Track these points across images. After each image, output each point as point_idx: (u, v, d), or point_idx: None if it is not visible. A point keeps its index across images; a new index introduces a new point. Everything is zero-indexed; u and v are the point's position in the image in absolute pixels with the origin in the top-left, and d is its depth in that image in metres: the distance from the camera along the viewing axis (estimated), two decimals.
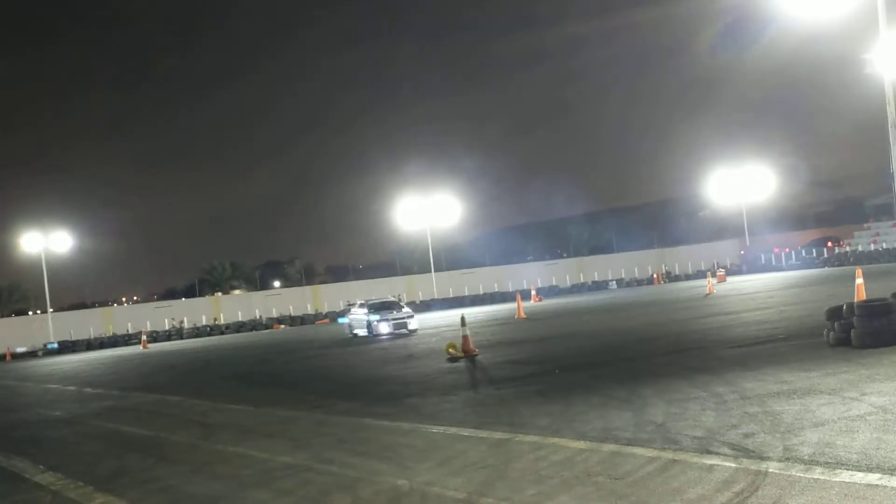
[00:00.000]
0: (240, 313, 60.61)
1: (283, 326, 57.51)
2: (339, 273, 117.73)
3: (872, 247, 62.57)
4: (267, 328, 57.17)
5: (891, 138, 17.06)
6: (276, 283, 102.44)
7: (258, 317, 59.79)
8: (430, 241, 67.43)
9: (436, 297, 63.27)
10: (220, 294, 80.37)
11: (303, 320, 59.21)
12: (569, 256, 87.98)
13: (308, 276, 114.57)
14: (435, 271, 66.69)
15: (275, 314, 60.52)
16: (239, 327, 57.33)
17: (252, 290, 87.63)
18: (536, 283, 63.30)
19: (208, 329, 57.49)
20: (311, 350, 31.17)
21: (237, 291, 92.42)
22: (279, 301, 63.88)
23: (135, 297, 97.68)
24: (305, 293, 67.52)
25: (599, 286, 64.86)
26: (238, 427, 14.07)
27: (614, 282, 65.19)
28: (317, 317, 60.01)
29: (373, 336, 33.90)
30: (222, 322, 59.20)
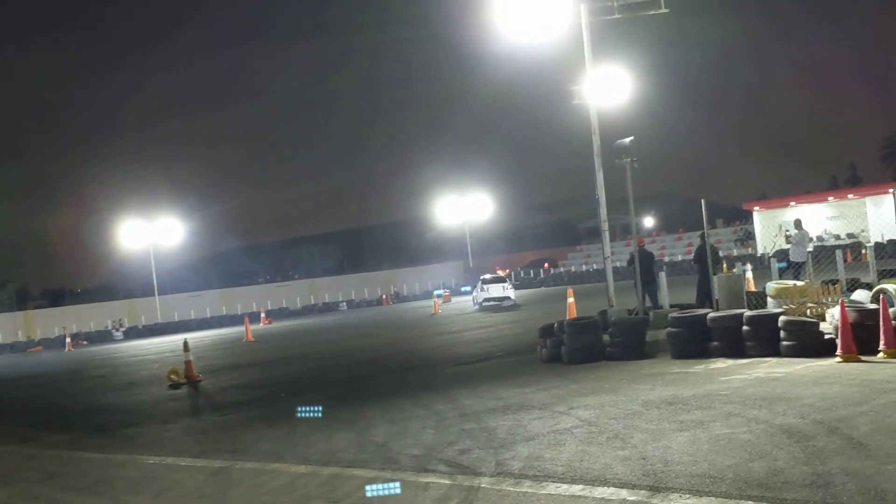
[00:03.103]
0: None
1: None
2: (55, 297, 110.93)
3: (584, 267, 66.78)
4: None
5: (596, 165, 18.23)
6: None
7: None
8: (153, 263, 64.95)
9: (160, 321, 60.92)
10: None
11: (13, 348, 55.16)
12: (300, 278, 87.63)
13: (21, 301, 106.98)
14: (159, 294, 64.26)
15: None
16: None
17: None
18: (266, 306, 62.49)
19: None
20: (21, 379, 29.06)
21: None
22: None
23: None
24: (17, 319, 62.93)
25: (330, 307, 64.93)
26: None
27: (345, 303, 65.46)
28: (29, 344, 56.12)
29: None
30: None
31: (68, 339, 51.80)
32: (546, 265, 72.08)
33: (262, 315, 54.00)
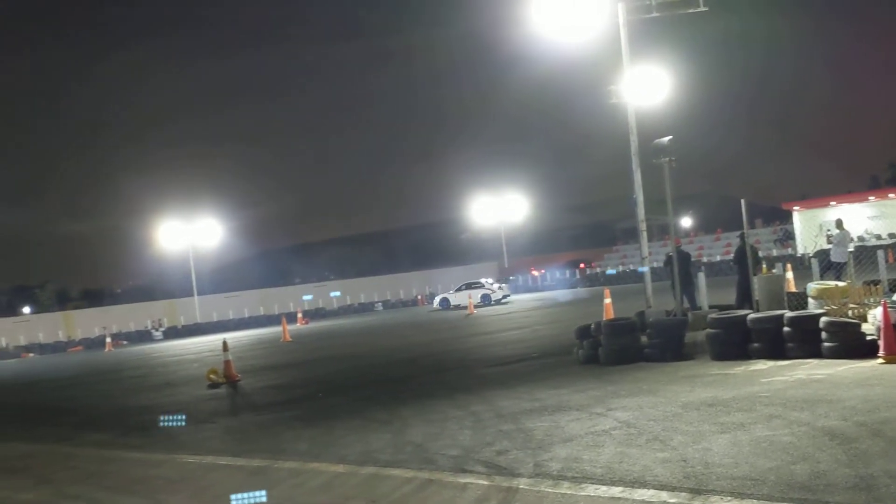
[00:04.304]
0: None
1: (31, 355, 54.06)
2: (95, 298, 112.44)
3: (620, 268, 66.42)
4: (14, 357, 53.53)
5: (633, 165, 18.12)
6: (26, 310, 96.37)
7: (4, 345, 55.80)
8: (192, 264, 65.52)
9: (199, 321, 61.43)
10: None
11: (54, 348, 55.91)
12: (336, 279, 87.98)
13: (61, 302, 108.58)
14: (198, 294, 64.78)
15: (23, 342, 56.76)
16: None
17: None
18: (303, 306, 62.79)
19: None
20: (62, 380, 29.40)
21: None
22: (28, 328, 59.92)
23: None
24: (57, 319, 63.74)
25: (366, 308, 65.09)
26: None
27: (381, 303, 65.61)
28: (70, 344, 56.86)
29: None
30: None
31: (108, 339, 52.39)
32: (582, 266, 71.80)
33: (299, 315, 54.26)
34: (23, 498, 9.92)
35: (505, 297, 51.42)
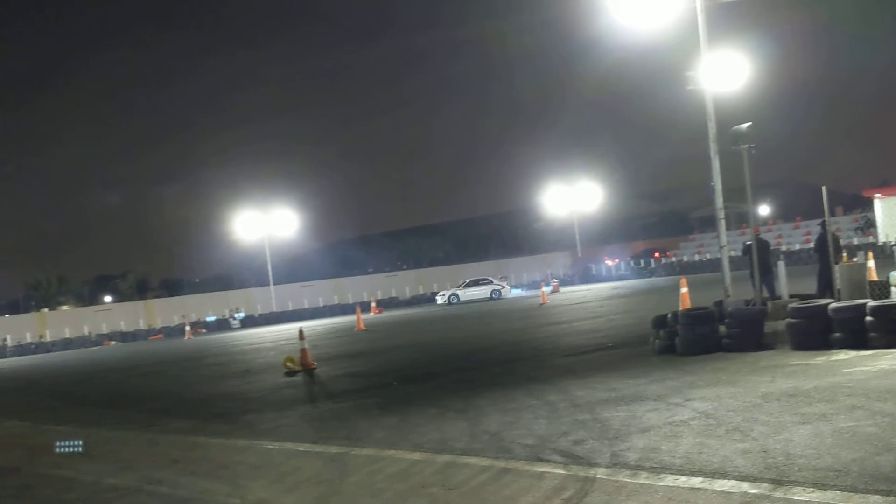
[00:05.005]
0: (67, 330, 57.93)
1: (113, 343, 55.50)
2: (173, 287, 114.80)
3: (697, 257, 65.58)
4: (97, 345, 55.02)
5: (711, 152, 17.86)
6: (108, 299, 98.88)
7: (87, 333, 57.38)
8: (268, 254, 66.46)
9: (274, 310, 62.34)
10: (46, 310, 76.88)
11: (135, 336, 57.30)
12: (409, 268, 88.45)
13: (141, 291, 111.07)
14: (274, 284, 65.71)
15: (105, 330, 58.29)
16: (66, 344, 54.92)
17: (82, 306, 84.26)
18: (376, 295, 63.28)
19: (33, 347, 54.82)
20: (143, 367, 30.12)
21: (65, 307, 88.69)
22: (110, 317, 61.53)
23: None
24: (138, 308, 65.29)
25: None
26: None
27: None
28: (150, 332, 58.22)
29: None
30: (48, 339, 56.56)
31: (188, 328, 53.52)
32: (657, 255, 71.07)
33: (373, 304, 54.70)
34: (107, 483, 10.18)
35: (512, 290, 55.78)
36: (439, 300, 53.66)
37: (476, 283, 54.73)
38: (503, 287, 54.07)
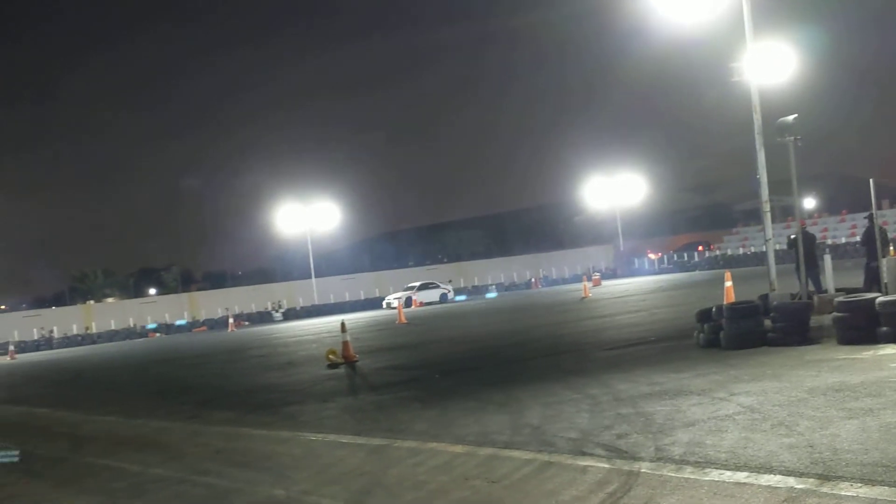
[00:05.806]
0: (113, 322, 58.79)
1: (158, 335, 56.15)
2: (217, 280, 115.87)
3: (741, 251, 64.96)
4: (142, 337, 55.73)
5: (757, 144, 17.67)
6: (152, 291, 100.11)
7: (132, 325, 58.13)
8: (310, 247, 66.86)
9: (316, 302, 62.71)
10: (92, 302, 78.04)
11: (179, 328, 57.93)
12: (449, 261, 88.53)
13: (185, 283, 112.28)
14: (315, 277, 66.10)
15: (150, 322, 59.00)
16: (112, 336, 55.70)
17: (126, 298, 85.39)
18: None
19: (80, 338, 55.65)
20: (187, 359, 30.46)
21: (110, 299, 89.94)
22: (154, 309, 62.27)
23: (1, 307, 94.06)
24: (182, 300, 66.07)
25: (479, 290, 65.37)
26: (109, 438, 13.64)
27: (494, 286, 65.75)
28: (194, 324, 58.84)
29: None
30: (94, 331, 57.38)
31: (231, 320, 54.00)
32: (700, 248, 70.47)
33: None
34: (154, 473, 10.31)
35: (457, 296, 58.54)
36: (394, 303, 51.71)
37: (426, 286, 57.07)
38: (449, 291, 57.53)
